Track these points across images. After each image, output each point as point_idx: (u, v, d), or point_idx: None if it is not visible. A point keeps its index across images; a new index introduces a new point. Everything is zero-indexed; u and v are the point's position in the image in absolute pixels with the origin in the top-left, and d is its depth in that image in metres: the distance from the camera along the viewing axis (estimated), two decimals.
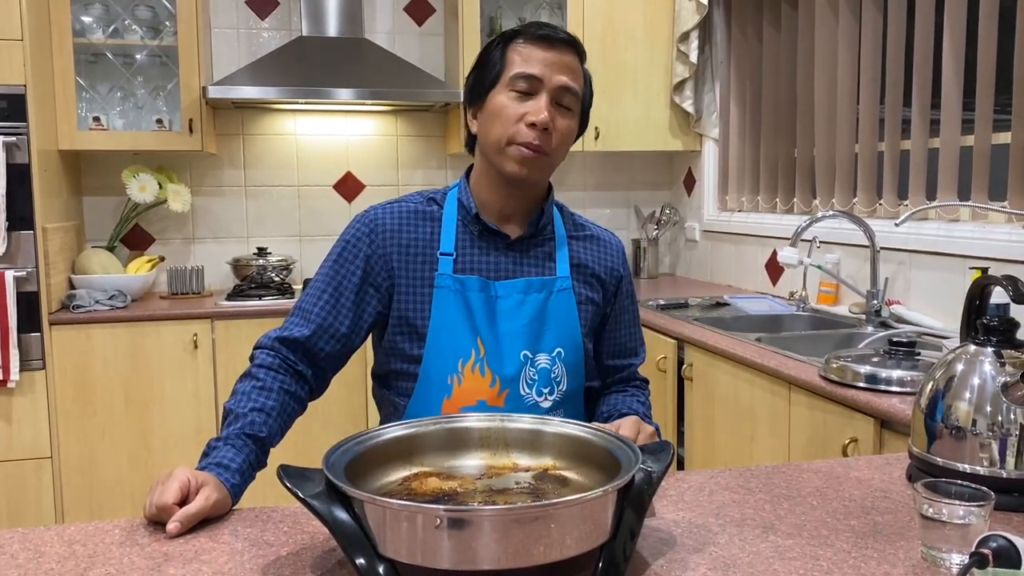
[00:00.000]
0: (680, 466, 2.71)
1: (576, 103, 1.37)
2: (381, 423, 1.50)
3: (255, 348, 1.36)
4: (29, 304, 2.84)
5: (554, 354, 1.39)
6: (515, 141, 1.33)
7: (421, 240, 1.40)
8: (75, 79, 3.09)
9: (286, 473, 0.95)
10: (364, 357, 2.74)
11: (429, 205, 1.44)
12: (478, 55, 1.42)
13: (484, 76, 1.38)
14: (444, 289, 1.37)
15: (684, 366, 2.58)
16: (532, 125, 1.32)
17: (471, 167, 1.46)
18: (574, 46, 1.37)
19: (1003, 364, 1.14)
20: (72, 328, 2.92)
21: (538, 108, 1.32)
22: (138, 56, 3.35)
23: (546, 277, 1.42)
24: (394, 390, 1.43)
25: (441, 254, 1.39)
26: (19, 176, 2.79)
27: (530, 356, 1.38)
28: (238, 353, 3.03)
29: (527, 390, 1.38)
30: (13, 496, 2.88)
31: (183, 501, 1.07)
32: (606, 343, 1.52)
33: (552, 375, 1.39)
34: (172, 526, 1.03)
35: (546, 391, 1.39)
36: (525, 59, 1.34)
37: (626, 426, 1.26)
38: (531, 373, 1.38)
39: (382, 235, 1.40)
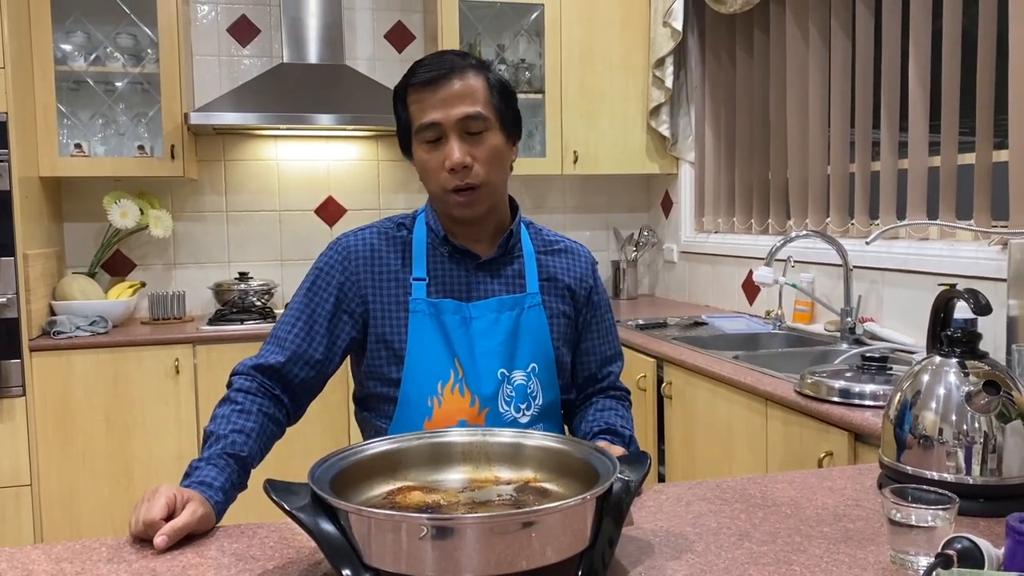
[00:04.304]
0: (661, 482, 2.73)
1: (490, 119, 1.37)
2: None
3: (232, 375, 1.39)
4: (9, 331, 2.83)
5: (529, 370, 1.43)
6: (447, 189, 1.37)
7: (393, 265, 1.44)
8: (57, 106, 3.11)
9: (273, 487, 0.97)
10: (346, 380, 2.74)
11: (399, 230, 1.48)
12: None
13: (401, 133, 1.43)
14: (419, 314, 1.40)
15: (664, 384, 2.61)
16: (452, 170, 1.35)
17: None
18: (463, 67, 1.36)
19: (967, 374, 1.18)
20: (53, 354, 2.92)
21: (449, 152, 1.34)
22: (120, 83, 3.37)
23: (517, 295, 1.45)
24: (375, 412, 1.45)
25: (414, 279, 1.42)
26: (0, 203, 2.80)
27: (507, 374, 1.41)
28: (220, 378, 3.01)
29: (506, 407, 1.41)
30: None
31: (169, 517, 1.08)
32: (583, 354, 1.54)
33: (528, 390, 1.43)
34: (159, 539, 1.04)
35: (523, 407, 1.42)
36: (421, 108, 1.36)
37: None
38: (508, 390, 1.41)
39: (354, 262, 1.43)
